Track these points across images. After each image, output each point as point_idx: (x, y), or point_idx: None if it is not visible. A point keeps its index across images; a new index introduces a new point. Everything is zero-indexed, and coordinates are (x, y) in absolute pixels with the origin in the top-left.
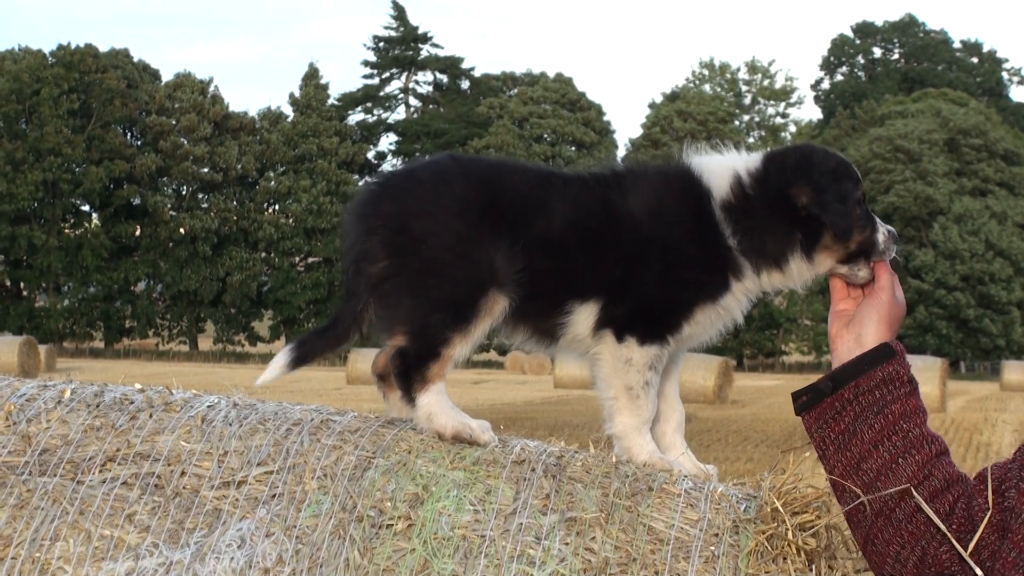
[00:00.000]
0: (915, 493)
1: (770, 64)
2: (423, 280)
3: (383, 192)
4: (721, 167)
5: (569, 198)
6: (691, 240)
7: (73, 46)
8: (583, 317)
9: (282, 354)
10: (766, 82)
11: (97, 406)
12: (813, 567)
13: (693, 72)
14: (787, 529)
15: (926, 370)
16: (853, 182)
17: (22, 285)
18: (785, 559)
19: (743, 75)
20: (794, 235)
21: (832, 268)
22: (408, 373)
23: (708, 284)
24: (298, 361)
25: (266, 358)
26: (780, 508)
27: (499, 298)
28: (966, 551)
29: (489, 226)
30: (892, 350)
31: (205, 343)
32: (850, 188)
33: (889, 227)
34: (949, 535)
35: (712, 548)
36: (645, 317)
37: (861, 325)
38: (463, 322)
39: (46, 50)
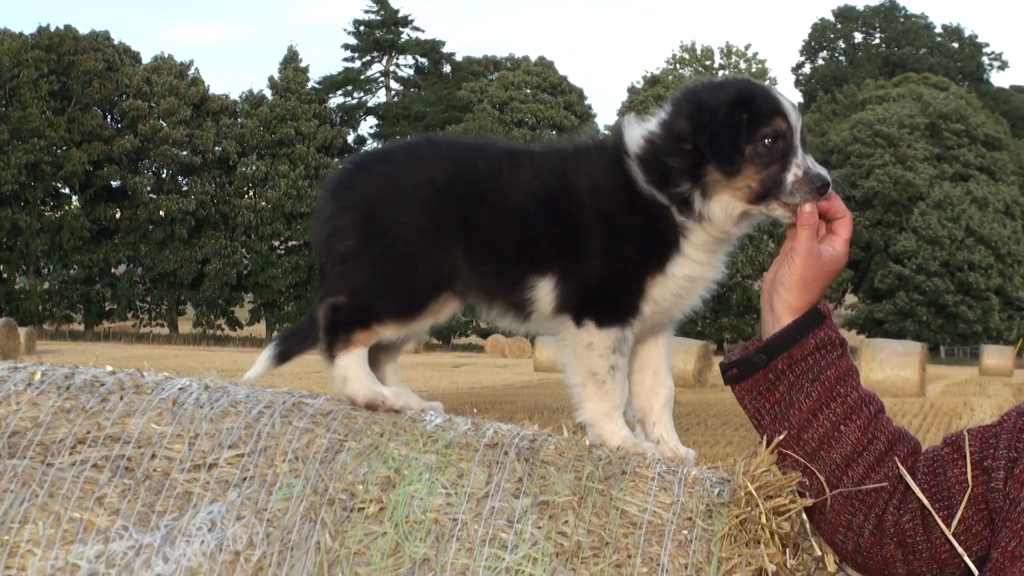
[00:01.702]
0: (900, 467)
1: (747, 47)
2: (383, 266)
3: (358, 173)
4: (640, 126)
5: (532, 172)
6: (622, 209)
7: (53, 28)
8: (544, 293)
9: (267, 350)
10: (743, 65)
11: (67, 388)
12: (787, 551)
13: (674, 55)
14: (761, 513)
15: (906, 354)
16: (752, 112)
17: (2, 268)
18: (759, 543)
19: (719, 59)
20: (689, 172)
21: (746, 209)
22: (335, 329)
23: (652, 256)
24: (283, 356)
25: (246, 341)
26: (754, 492)
27: (451, 301)
28: (941, 522)
29: (458, 216)
30: (821, 314)
31: (185, 326)
32: (739, 117)
33: (815, 168)
34: (931, 509)
35: (685, 532)
36: (598, 298)
37: (775, 290)
38: (406, 315)
39: (27, 32)
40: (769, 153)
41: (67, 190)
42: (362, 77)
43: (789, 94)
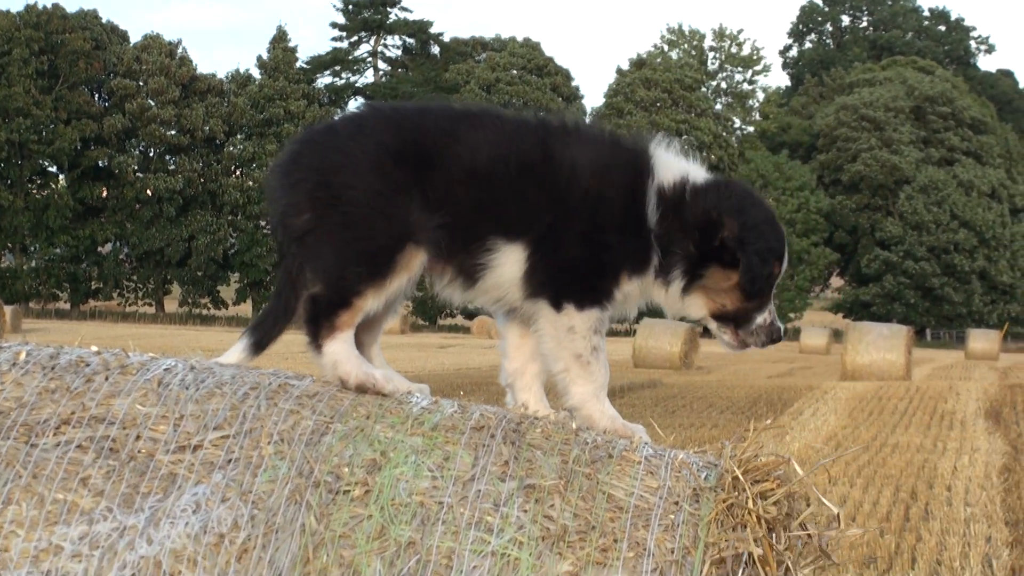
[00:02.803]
0: None
1: (739, 32)
2: (343, 234)
3: (304, 148)
4: (675, 161)
5: (502, 133)
6: (620, 205)
7: (41, 7)
8: (508, 259)
9: (240, 340)
10: (734, 49)
11: (52, 368)
12: (773, 535)
13: (662, 37)
14: (747, 498)
15: (892, 338)
16: (777, 255)
17: None
18: (745, 527)
19: (710, 42)
20: (690, 264)
21: (703, 316)
22: (317, 319)
23: (631, 253)
24: (258, 346)
25: (232, 321)
26: (741, 476)
27: (417, 252)
28: None
29: (408, 175)
30: None
31: (171, 305)
32: (774, 255)
33: (778, 321)
34: None
35: (672, 516)
36: (576, 281)
37: None
38: (379, 277)
39: (15, 10)
40: (760, 293)
41: (54, 168)
42: (350, 57)
43: (777, 77)
